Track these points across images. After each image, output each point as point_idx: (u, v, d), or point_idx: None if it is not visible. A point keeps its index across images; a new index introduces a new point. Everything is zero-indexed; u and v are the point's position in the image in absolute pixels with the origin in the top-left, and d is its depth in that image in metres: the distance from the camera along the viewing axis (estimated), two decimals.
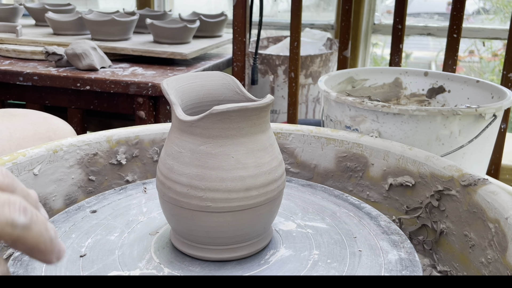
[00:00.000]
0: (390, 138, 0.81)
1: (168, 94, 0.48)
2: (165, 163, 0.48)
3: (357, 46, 2.03)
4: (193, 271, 0.48)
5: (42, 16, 1.83)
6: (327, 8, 2.56)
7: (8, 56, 1.54)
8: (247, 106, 0.45)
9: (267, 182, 0.47)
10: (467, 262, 0.61)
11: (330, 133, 0.78)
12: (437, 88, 1.05)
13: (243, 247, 0.50)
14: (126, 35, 1.61)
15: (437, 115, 0.78)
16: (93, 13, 1.71)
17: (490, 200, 0.57)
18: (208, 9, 2.76)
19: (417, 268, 0.49)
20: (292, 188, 0.68)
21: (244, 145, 0.46)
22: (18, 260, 0.50)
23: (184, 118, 0.46)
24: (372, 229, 0.57)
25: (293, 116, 1.45)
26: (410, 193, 0.71)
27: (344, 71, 1.07)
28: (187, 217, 0.47)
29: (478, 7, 2.63)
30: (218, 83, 0.54)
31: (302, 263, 0.49)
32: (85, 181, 0.73)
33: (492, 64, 2.73)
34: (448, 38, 1.30)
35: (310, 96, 1.88)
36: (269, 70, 1.85)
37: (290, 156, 0.80)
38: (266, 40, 2.16)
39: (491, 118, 0.81)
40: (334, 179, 0.78)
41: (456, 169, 0.64)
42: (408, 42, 2.42)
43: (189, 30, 1.58)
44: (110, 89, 1.31)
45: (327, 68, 1.87)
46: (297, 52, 1.41)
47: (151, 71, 1.41)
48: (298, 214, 0.60)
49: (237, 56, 1.45)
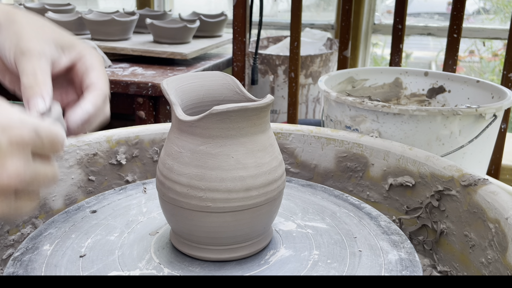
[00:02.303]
0: (390, 138, 0.81)
1: (168, 94, 0.48)
2: (165, 163, 0.48)
3: (357, 46, 2.03)
4: (193, 271, 0.48)
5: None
6: (327, 8, 2.56)
7: None
8: (247, 106, 0.45)
9: (267, 182, 0.47)
10: (467, 262, 0.61)
11: (330, 133, 0.78)
12: (437, 88, 1.05)
13: (243, 247, 0.50)
14: (126, 35, 1.61)
15: (437, 115, 0.78)
16: (93, 13, 1.71)
17: (490, 200, 0.57)
18: (208, 9, 2.76)
19: (417, 268, 0.49)
20: (292, 188, 0.68)
21: (244, 145, 0.46)
22: (18, 260, 0.50)
23: (184, 118, 0.46)
24: (372, 229, 0.57)
25: (293, 116, 1.45)
26: (410, 193, 0.70)
27: (344, 71, 1.07)
28: (187, 217, 0.47)
29: (478, 7, 2.63)
30: (218, 83, 0.54)
31: (302, 263, 0.49)
32: (85, 181, 0.73)
33: (492, 64, 2.73)
34: (448, 38, 1.30)
35: (310, 96, 1.88)
36: (269, 70, 1.85)
37: (290, 156, 0.80)
38: (266, 40, 2.16)
39: (491, 118, 0.81)
40: (334, 179, 0.78)
41: (456, 169, 0.64)
42: (408, 42, 2.42)
43: (189, 30, 1.58)
44: (110, 89, 1.31)
45: (327, 68, 1.87)
46: (297, 52, 1.41)
47: (151, 71, 1.41)
48: (298, 214, 0.60)
49: (237, 56, 1.45)
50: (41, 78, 0.47)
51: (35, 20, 0.52)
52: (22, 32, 0.49)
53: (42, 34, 0.50)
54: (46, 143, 0.38)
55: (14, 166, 0.35)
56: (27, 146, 0.36)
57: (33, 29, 0.50)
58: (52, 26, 0.53)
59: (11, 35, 0.49)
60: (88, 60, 0.52)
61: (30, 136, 0.36)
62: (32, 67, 0.47)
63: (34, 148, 0.37)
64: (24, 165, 0.36)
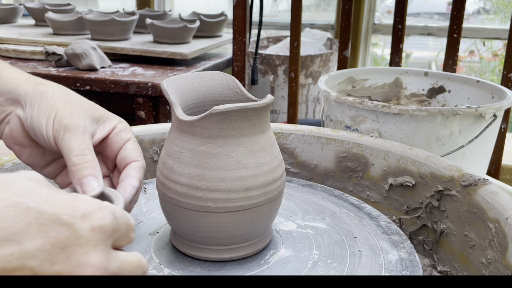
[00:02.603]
0: (390, 138, 0.81)
1: (168, 94, 0.48)
2: (165, 163, 0.48)
3: (357, 46, 2.03)
4: (193, 271, 0.48)
5: (42, 16, 1.83)
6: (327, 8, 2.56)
7: (8, 56, 1.54)
8: (247, 106, 0.45)
9: (267, 182, 0.47)
10: (467, 262, 0.61)
11: (330, 133, 0.78)
12: (437, 88, 1.05)
13: (243, 247, 0.49)
14: (126, 35, 1.61)
15: (437, 115, 0.78)
16: (93, 13, 1.71)
17: (491, 200, 0.57)
18: (208, 9, 2.76)
19: (417, 268, 0.49)
20: (292, 188, 0.68)
21: (244, 145, 0.46)
22: None
23: (184, 118, 0.46)
24: (372, 229, 0.57)
25: (293, 116, 1.45)
26: (410, 193, 0.70)
27: (344, 71, 1.07)
28: (187, 217, 0.47)
29: (478, 7, 2.63)
30: (218, 83, 0.54)
31: (302, 263, 0.49)
32: None
33: (492, 64, 2.73)
34: (448, 38, 1.30)
35: (310, 96, 1.88)
36: (269, 70, 1.85)
37: (290, 156, 0.80)
38: (266, 40, 2.16)
39: (491, 118, 0.81)
40: (334, 179, 0.78)
41: (456, 169, 0.64)
42: (408, 42, 2.42)
43: (189, 30, 1.58)
44: (110, 89, 1.31)
45: (327, 68, 1.87)
46: (297, 52, 1.41)
47: (151, 71, 1.41)
48: (298, 214, 0.60)
49: (237, 56, 1.45)
50: (90, 157, 0.45)
51: (64, 91, 0.49)
52: (58, 105, 0.46)
53: (78, 107, 0.47)
54: (123, 228, 0.34)
55: (97, 257, 0.31)
56: (109, 232, 0.32)
57: (68, 101, 0.47)
58: (81, 97, 0.50)
59: (46, 108, 0.46)
60: (124, 135, 0.51)
61: (111, 220, 0.32)
62: (79, 144, 0.45)
63: (114, 233, 0.33)
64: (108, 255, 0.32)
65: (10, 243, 0.27)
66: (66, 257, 0.29)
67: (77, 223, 0.30)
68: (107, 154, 0.51)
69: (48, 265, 0.28)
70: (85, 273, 0.30)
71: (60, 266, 0.29)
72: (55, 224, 0.29)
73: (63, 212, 0.30)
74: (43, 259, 0.28)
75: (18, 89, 0.48)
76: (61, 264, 0.29)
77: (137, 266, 0.34)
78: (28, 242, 0.28)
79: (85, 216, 0.31)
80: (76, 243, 0.30)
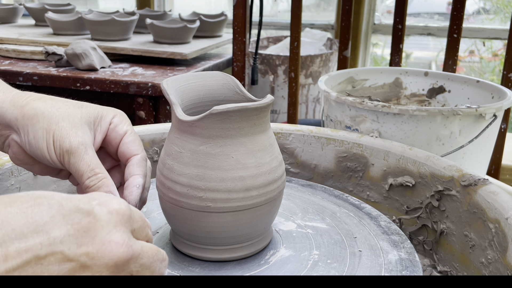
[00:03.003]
0: (390, 138, 0.81)
1: (168, 94, 0.48)
2: (165, 163, 0.48)
3: (357, 46, 2.03)
4: (193, 271, 0.48)
5: (42, 16, 1.83)
6: (327, 8, 2.56)
7: (8, 56, 1.54)
8: (247, 106, 0.45)
9: (267, 182, 0.47)
10: (467, 262, 0.61)
11: (330, 133, 0.78)
12: (437, 88, 1.05)
13: (243, 247, 0.50)
14: (126, 35, 1.61)
15: (437, 115, 0.78)
16: (93, 13, 1.71)
17: (490, 200, 0.57)
18: (208, 9, 2.76)
19: (417, 269, 0.49)
20: (292, 188, 0.68)
21: (244, 145, 0.46)
22: None
23: (184, 118, 0.46)
24: (372, 229, 0.57)
25: (293, 116, 1.45)
26: (410, 193, 0.70)
27: (344, 71, 1.07)
28: (187, 217, 0.47)
29: (478, 7, 2.63)
30: (218, 83, 0.54)
31: (302, 263, 0.49)
32: None
33: (492, 64, 2.73)
34: (448, 38, 1.30)
35: (310, 96, 1.88)
36: (269, 70, 1.85)
37: (290, 156, 0.80)
38: (266, 40, 2.16)
39: (491, 118, 0.81)
40: (334, 179, 0.78)
41: (456, 169, 0.64)
42: (408, 42, 2.42)
43: (189, 30, 1.58)
44: (110, 89, 1.31)
45: (327, 68, 1.87)
46: (297, 52, 1.41)
47: (151, 71, 1.41)
48: (298, 214, 0.60)
49: (237, 56, 1.45)
50: (101, 174, 0.46)
51: (52, 105, 0.48)
52: (52, 127, 0.46)
53: (72, 119, 0.47)
54: (138, 219, 0.36)
55: (119, 235, 0.32)
56: (126, 216, 0.34)
57: (61, 118, 0.47)
58: (71, 103, 0.50)
59: (42, 133, 0.46)
60: (120, 128, 0.51)
61: (126, 206, 0.34)
62: (87, 166, 0.45)
63: (131, 221, 0.35)
64: (130, 237, 0.34)
65: (39, 234, 0.30)
66: (91, 238, 0.31)
67: (95, 209, 0.32)
68: (109, 150, 0.52)
69: (76, 247, 0.31)
70: (110, 250, 0.32)
71: (87, 247, 0.31)
72: (76, 212, 0.31)
73: (81, 202, 0.32)
74: (70, 242, 0.30)
75: (6, 114, 0.48)
76: (87, 245, 0.31)
77: (156, 251, 0.37)
78: (55, 230, 0.30)
79: (101, 203, 0.33)
80: (97, 225, 0.32)
